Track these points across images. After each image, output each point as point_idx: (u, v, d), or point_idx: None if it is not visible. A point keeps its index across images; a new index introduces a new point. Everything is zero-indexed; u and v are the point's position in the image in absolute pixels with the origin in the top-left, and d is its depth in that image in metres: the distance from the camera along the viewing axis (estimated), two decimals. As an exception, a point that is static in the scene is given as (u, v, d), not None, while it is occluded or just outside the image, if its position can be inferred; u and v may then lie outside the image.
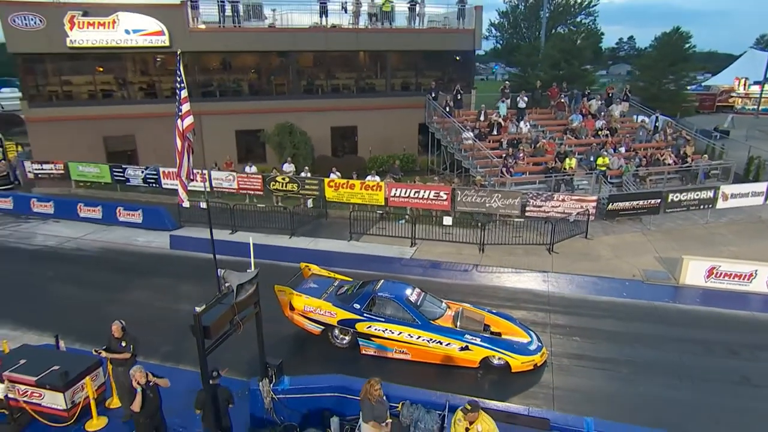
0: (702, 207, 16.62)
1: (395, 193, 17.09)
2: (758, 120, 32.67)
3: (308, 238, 15.79)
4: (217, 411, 6.58)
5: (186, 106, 8.40)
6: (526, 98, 21.78)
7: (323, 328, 9.86)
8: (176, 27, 20.79)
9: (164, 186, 19.66)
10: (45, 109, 21.29)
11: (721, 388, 8.80)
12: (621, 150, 19.73)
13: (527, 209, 16.06)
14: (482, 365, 9.16)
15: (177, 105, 8.41)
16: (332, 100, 23.72)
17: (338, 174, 18.17)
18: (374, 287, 9.88)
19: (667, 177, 18.68)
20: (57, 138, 20.94)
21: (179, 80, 8.38)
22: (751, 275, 12.14)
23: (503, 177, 17.74)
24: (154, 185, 20.06)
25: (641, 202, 16.22)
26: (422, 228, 15.33)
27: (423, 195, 16.85)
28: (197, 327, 5.87)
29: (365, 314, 9.52)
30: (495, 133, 20.49)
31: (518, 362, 8.97)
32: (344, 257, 14.14)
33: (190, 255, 14.57)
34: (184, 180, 8.81)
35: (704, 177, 18.88)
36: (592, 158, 18.54)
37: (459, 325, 9.36)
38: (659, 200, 16.16)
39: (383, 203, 17.25)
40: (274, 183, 18.43)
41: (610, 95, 23.75)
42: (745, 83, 39.13)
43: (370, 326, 9.45)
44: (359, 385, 6.63)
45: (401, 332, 9.29)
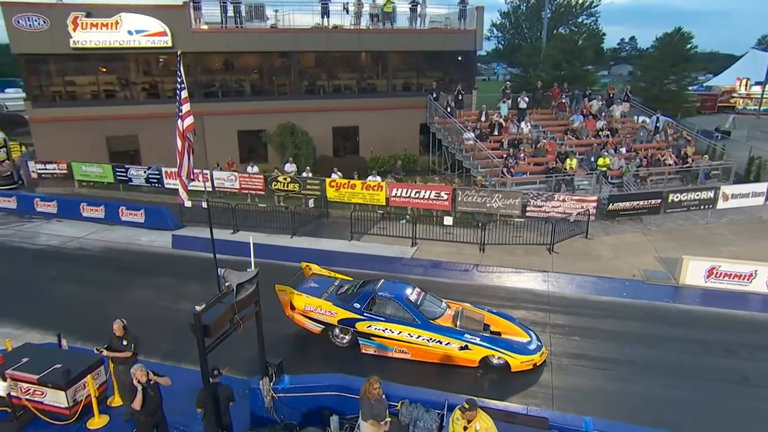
0: (702, 207, 16.64)
1: (396, 193, 17.14)
2: (759, 120, 32.58)
3: (309, 238, 15.84)
4: (218, 409, 6.63)
5: (186, 107, 8.45)
6: (527, 99, 21.80)
7: (323, 328, 9.90)
8: (179, 28, 20.87)
9: (167, 186, 19.77)
10: (48, 110, 21.40)
11: (721, 388, 8.81)
12: (622, 150, 19.76)
13: (528, 209, 16.10)
14: (482, 365, 9.19)
15: (177, 105, 8.45)
16: (334, 101, 23.77)
17: (339, 174, 18.23)
18: (374, 287, 9.91)
19: (668, 177, 18.68)
20: (60, 138, 21.05)
21: (179, 81, 8.43)
22: (751, 275, 12.15)
23: (504, 177, 17.77)
24: (157, 185, 20.17)
25: (642, 203, 16.23)
26: (423, 228, 15.37)
27: (424, 195, 16.90)
28: (197, 326, 5.91)
29: (365, 314, 9.55)
30: (496, 134, 20.54)
31: (518, 362, 9.00)
32: (345, 257, 14.19)
33: (193, 254, 14.63)
34: (185, 180, 8.84)
35: (705, 177, 18.87)
36: (593, 158, 18.56)
37: (459, 325, 9.39)
38: (660, 200, 16.17)
39: (384, 203, 17.30)
40: (276, 183, 18.50)
41: (611, 96, 23.76)
42: (747, 84, 39.09)
43: (370, 325, 9.49)
44: (359, 384, 6.66)
45: (401, 332, 9.33)
